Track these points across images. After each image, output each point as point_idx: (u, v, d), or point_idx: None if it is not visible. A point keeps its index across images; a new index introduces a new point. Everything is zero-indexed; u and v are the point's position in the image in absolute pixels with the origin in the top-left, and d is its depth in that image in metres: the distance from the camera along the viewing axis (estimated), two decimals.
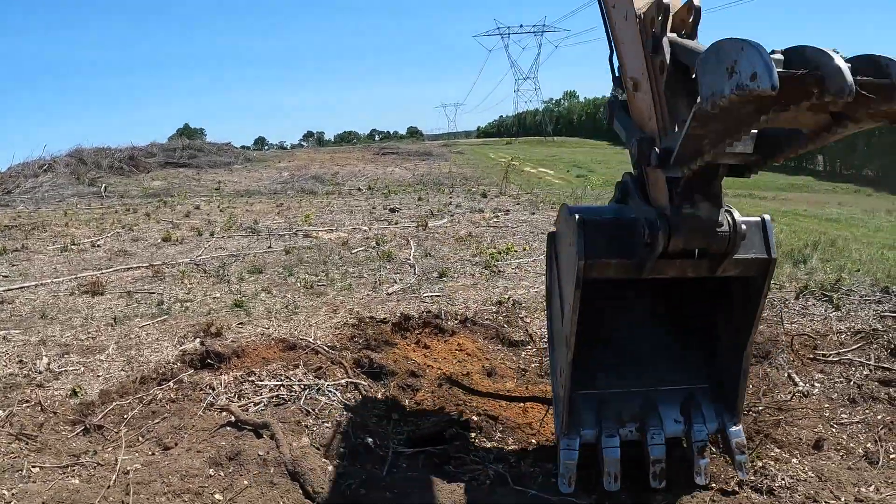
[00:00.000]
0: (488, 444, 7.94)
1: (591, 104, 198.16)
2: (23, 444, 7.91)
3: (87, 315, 13.23)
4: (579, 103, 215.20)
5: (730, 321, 6.25)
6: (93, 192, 39.39)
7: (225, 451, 7.21)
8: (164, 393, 9.08)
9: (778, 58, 3.83)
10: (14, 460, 7.50)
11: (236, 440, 7.45)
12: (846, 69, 3.61)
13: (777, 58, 3.82)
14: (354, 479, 6.84)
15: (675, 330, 6.80)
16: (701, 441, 6.37)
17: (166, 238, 21.99)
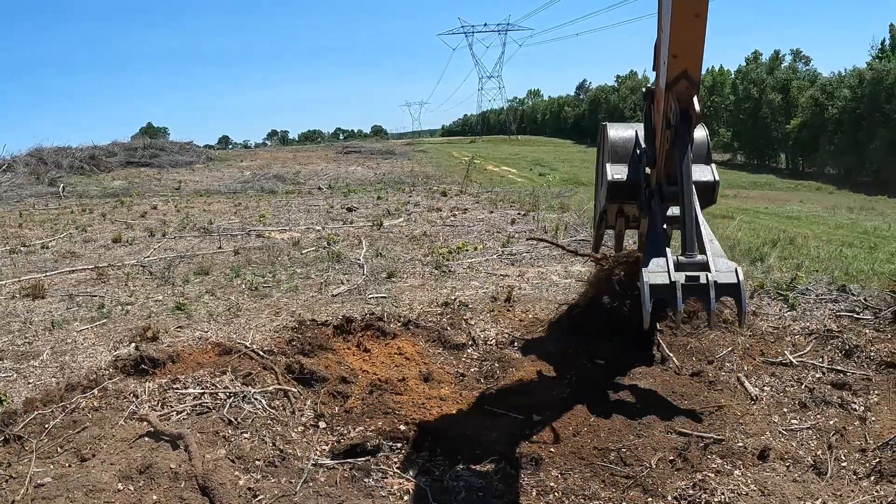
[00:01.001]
0: (415, 455, 7.69)
1: (555, 103, 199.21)
2: None
3: (25, 319, 12.92)
4: (543, 102, 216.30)
5: None
6: (51, 192, 39.02)
7: (137, 463, 6.94)
8: (87, 401, 8.76)
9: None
10: None
11: (150, 452, 7.18)
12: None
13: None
14: (265, 494, 6.62)
15: None
16: None
17: (117, 239, 21.63)
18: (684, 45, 6.77)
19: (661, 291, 6.78)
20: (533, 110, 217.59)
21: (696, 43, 6.78)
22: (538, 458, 7.44)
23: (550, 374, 9.60)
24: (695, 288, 6.79)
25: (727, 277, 6.84)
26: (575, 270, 15.45)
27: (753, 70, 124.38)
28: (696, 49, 6.86)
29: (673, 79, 7.09)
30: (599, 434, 7.91)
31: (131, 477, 6.77)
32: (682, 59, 6.94)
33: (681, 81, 7.11)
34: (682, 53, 6.87)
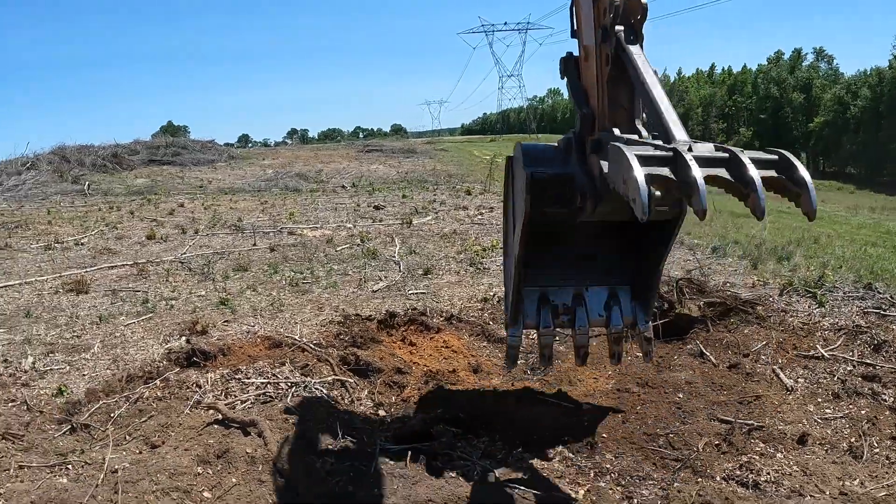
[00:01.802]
0: (475, 440, 7.99)
1: None
2: (9, 443, 7.89)
3: (71, 314, 13.20)
4: (563, 101, 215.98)
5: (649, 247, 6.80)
6: (76, 190, 39.27)
7: (213, 449, 7.22)
8: (150, 391, 9.08)
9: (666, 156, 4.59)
10: (0, 460, 7.50)
11: (224, 438, 7.45)
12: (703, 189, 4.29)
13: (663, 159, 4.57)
14: (342, 477, 6.90)
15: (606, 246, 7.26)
16: (617, 331, 7.13)
17: (151, 236, 21.94)
18: None
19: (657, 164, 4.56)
20: (553, 109, 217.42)
21: None
22: (592, 443, 7.75)
23: (594, 366, 9.82)
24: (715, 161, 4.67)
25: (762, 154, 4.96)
26: None
27: (774, 69, 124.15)
28: None
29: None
30: (647, 421, 8.21)
31: (209, 461, 7.03)
32: None
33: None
34: None
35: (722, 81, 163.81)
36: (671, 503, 6.62)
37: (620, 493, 6.95)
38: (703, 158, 4.53)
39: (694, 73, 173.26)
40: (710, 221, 23.40)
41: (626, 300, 7.13)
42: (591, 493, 6.93)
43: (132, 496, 6.45)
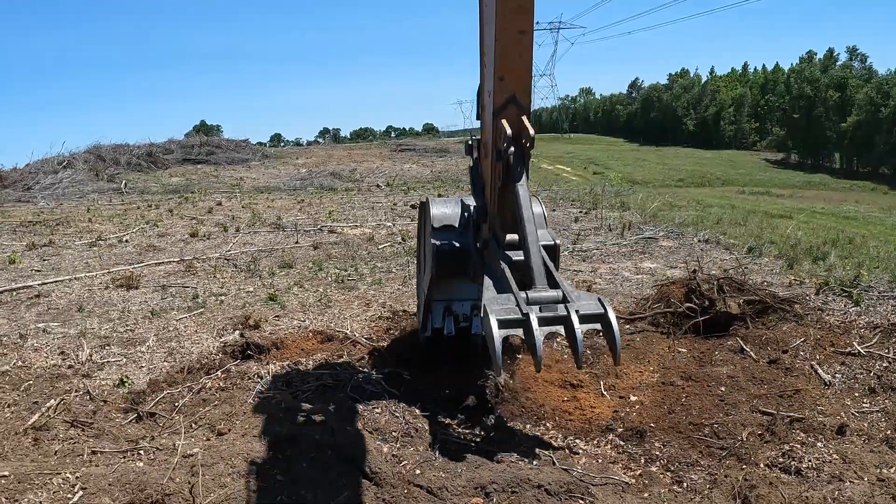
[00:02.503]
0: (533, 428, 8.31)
1: (607, 101, 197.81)
2: (79, 430, 8.20)
3: (123, 308, 13.54)
4: (595, 100, 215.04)
5: None
6: (112, 189, 39.71)
7: (280, 435, 7.51)
8: (212, 382, 9.45)
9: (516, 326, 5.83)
10: (73, 445, 7.80)
11: (290, 425, 7.79)
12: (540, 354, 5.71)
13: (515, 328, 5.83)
14: (408, 461, 7.20)
15: None
16: None
17: (193, 234, 22.30)
18: (511, 66, 6.49)
19: (511, 326, 5.76)
20: (585, 108, 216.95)
21: (523, 63, 6.52)
22: (642, 431, 8.05)
23: (638, 361, 10.09)
24: (553, 319, 5.87)
25: (590, 308, 6.10)
26: (645, 267, 15.85)
27: (808, 68, 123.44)
28: (523, 70, 6.57)
29: (501, 104, 6.70)
30: (692, 412, 8.46)
31: (278, 447, 7.32)
32: (509, 82, 6.58)
33: (509, 107, 6.69)
34: (510, 75, 6.54)
35: (754, 81, 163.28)
36: (719, 487, 6.90)
37: (670, 477, 7.26)
38: (544, 319, 5.81)
39: (727, 73, 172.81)
40: (744, 222, 23.52)
41: None
42: (643, 477, 7.25)
43: (209, 478, 6.74)
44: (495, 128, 6.81)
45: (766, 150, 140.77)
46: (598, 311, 6.06)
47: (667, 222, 22.22)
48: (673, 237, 19.64)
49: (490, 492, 6.61)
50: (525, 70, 6.55)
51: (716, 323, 11.00)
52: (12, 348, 11.24)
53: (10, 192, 38.53)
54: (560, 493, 6.60)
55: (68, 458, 7.51)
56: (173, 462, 7.12)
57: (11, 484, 6.75)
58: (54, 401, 8.91)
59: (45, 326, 12.45)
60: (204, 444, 7.56)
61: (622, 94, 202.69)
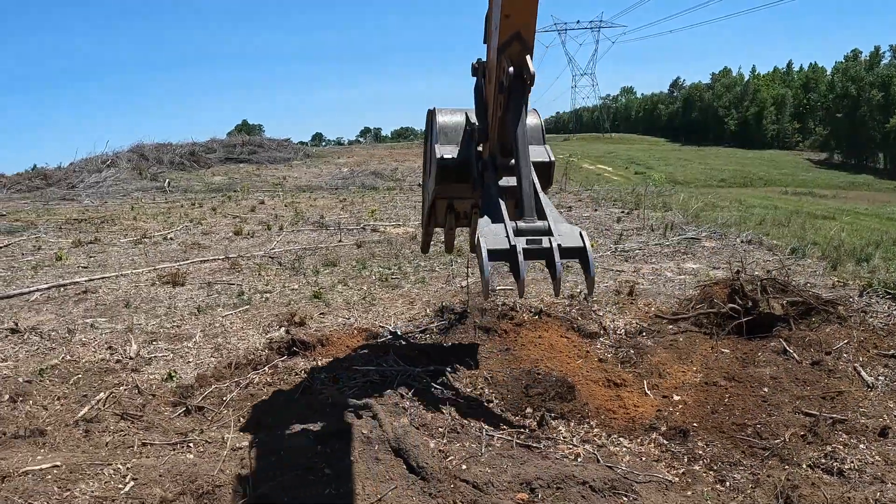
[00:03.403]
0: (576, 426, 8.35)
1: (649, 100, 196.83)
2: (129, 422, 8.36)
3: (169, 305, 13.73)
4: (637, 99, 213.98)
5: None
6: (156, 187, 40.03)
7: (329, 429, 7.63)
8: (259, 377, 9.62)
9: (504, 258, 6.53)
10: (123, 437, 7.97)
11: (338, 420, 7.87)
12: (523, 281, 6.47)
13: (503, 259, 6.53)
14: (455, 456, 7.29)
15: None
16: None
17: (238, 232, 22.50)
18: (516, 5, 6.60)
19: (500, 257, 6.45)
20: (626, 108, 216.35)
21: (529, 3, 6.61)
22: (685, 430, 8.10)
23: (681, 360, 10.08)
24: (537, 252, 6.50)
25: (571, 241, 6.62)
26: (688, 267, 15.84)
27: (852, 67, 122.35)
28: (528, 9, 6.67)
29: (505, 40, 6.88)
30: (734, 412, 8.49)
31: (327, 441, 7.44)
32: (514, 20, 6.72)
33: (513, 43, 6.88)
34: (515, 13, 6.67)
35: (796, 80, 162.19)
36: (761, 487, 6.94)
37: (713, 476, 7.30)
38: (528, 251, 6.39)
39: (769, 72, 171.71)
40: (787, 223, 23.43)
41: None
42: (686, 475, 7.30)
43: (259, 470, 6.82)
44: (499, 63, 7.08)
45: (809, 150, 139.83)
46: (578, 246, 6.58)
47: (709, 223, 22.17)
48: (715, 238, 19.61)
49: (535, 487, 6.69)
50: (531, 9, 6.67)
51: (759, 324, 11.00)
52: (60, 343, 11.46)
53: (55, 190, 38.96)
54: (604, 490, 6.68)
55: (118, 449, 7.68)
56: (223, 455, 7.26)
57: (63, 474, 6.91)
58: (103, 394, 9.12)
59: (93, 322, 12.64)
60: (253, 439, 7.66)
61: (663, 94, 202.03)
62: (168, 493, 6.53)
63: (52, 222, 25.94)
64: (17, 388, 9.29)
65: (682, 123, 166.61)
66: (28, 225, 25.36)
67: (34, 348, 11.24)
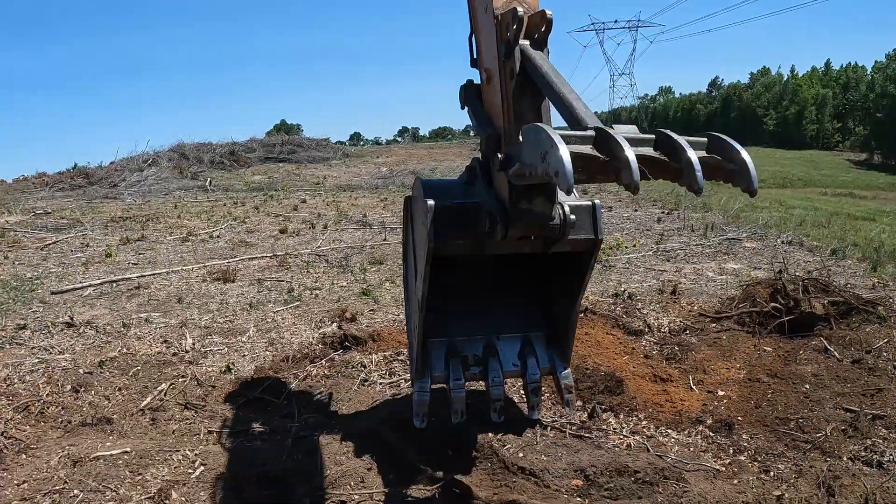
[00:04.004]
0: (626, 418, 8.64)
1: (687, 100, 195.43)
2: (192, 412, 8.66)
3: (221, 300, 14.07)
4: (675, 99, 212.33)
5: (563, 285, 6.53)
6: (197, 186, 40.39)
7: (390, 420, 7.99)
8: (318, 370, 9.93)
9: (586, 135, 4.27)
10: (189, 426, 8.30)
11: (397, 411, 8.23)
12: (635, 165, 3.92)
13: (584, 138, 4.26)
14: (511, 444, 7.66)
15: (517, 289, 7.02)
16: (534, 381, 6.61)
17: (283, 230, 22.83)
18: None
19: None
20: (664, 108, 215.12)
21: None
22: (730, 424, 8.33)
23: (725, 358, 10.30)
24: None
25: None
26: (729, 268, 16.00)
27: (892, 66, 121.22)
28: None
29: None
30: (777, 407, 8.73)
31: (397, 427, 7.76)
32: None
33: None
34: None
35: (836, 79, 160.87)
36: (804, 477, 7.17)
37: (758, 467, 7.54)
38: (631, 139, 4.28)
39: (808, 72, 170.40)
40: (827, 224, 23.44)
41: (542, 348, 6.75)
42: (731, 465, 7.56)
43: (326, 456, 7.10)
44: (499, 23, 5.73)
45: (849, 151, 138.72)
46: (702, 140, 4.60)
47: (750, 223, 22.24)
48: (756, 238, 19.72)
49: (589, 474, 6.96)
50: None
51: (800, 323, 11.13)
52: (116, 336, 11.81)
53: (97, 188, 39.40)
54: (655, 477, 6.93)
55: (185, 437, 8.01)
56: (288, 443, 7.56)
57: (133, 459, 7.23)
58: (165, 385, 9.44)
59: (147, 316, 12.99)
60: (317, 427, 7.95)
61: (702, 94, 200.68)
62: (238, 477, 6.82)
63: (97, 220, 26.33)
64: (78, 379, 9.63)
65: (721, 123, 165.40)
66: (74, 222, 25.75)
67: (90, 341, 11.59)
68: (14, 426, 8.17)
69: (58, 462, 7.18)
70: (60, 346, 11.34)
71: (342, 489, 6.64)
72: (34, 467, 7.15)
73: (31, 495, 6.61)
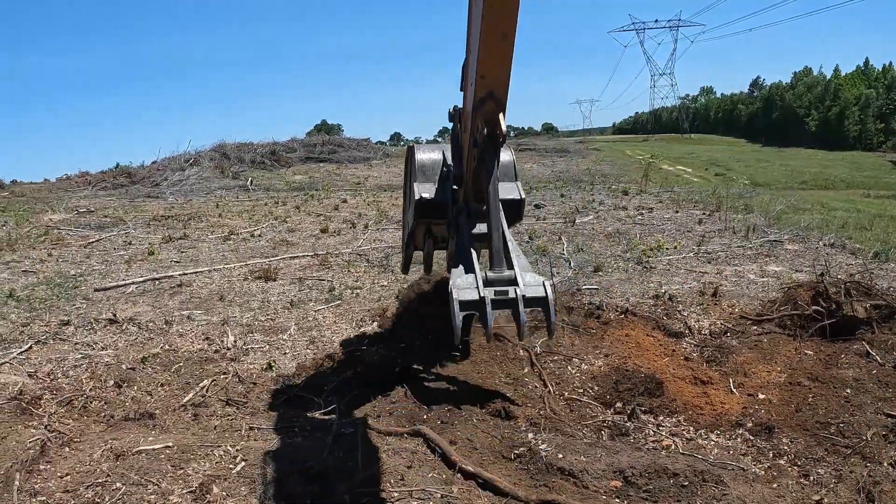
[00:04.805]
0: (665, 419, 8.68)
1: (728, 100, 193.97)
2: (234, 408, 8.76)
3: (263, 299, 14.19)
4: (716, 99, 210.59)
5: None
6: (238, 186, 40.61)
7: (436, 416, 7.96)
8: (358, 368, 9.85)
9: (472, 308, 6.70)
10: (231, 421, 8.41)
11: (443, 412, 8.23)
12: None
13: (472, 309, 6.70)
14: (549, 444, 7.65)
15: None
16: None
17: (324, 230, 22.93)
18: (491, 65, 6.73)
19: (470, 307, 6.76)
20: (706, 108, 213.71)
21: (503, 64, 6.73)
22: (770, 427, 8.35)
23: (766, 361, 10.29)
24: (503, 302, 6.86)
25: (535, 291, 6.99)
26: (771, 270, 15.89)
27: None
28: (502, 70, 6.81)
29: (480, 99, 7.03)
30: (818, 411, 8.69)
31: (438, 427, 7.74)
32: (489, 80, 6.87)
33: (488, 102, 7.05)
34: (489, 74, 6.80)
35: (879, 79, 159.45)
36: (844, 482, 7.15)
37: (797, 471, 7.55)
38: (496, 301, 6.68)
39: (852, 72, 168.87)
40: (870, 226, 23.28)
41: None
42: (771, 469, 7.58)
43: (366, 453, 7.22)
44: (474, 120, 7.30)
45: (892, 152, 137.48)
46: (541, 296, 6.91)
47: (791, 225, 22.09)
48: (798, 241, 19.57)
49: (628, 476, 6.97)
50: (505, 71, 6.80)
51: (842, 327, 11.06)
52: (158, 333, 11.99)
53: (139, 188, 39.73)
54: (694, 480, 6.91)
55: (227, 432, 8.12)
56: (329, 440, 7.60)
57: (175, 454, 7.31)
58: (207, 381, 9.55)
59: (189, 314, 13.14)
60: (356, 425, 8.01)
61: (743, 94, 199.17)
62: (279, 473, 6.87)
63: (140, 219, 26.60)
64: (121, 374, 9.81)
65: (763, 124, 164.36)
66: (116, 221, 26.03)
67: (133, 338, 11.78)
68: (58, 420, 8.34)
69: (100, 455, 7.29)
70: (103, 341, 11.52)
71: (382, 487, 6.69)
72: (77, 460, 7.27)
73: (73, 487, 6.72)
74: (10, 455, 7.33)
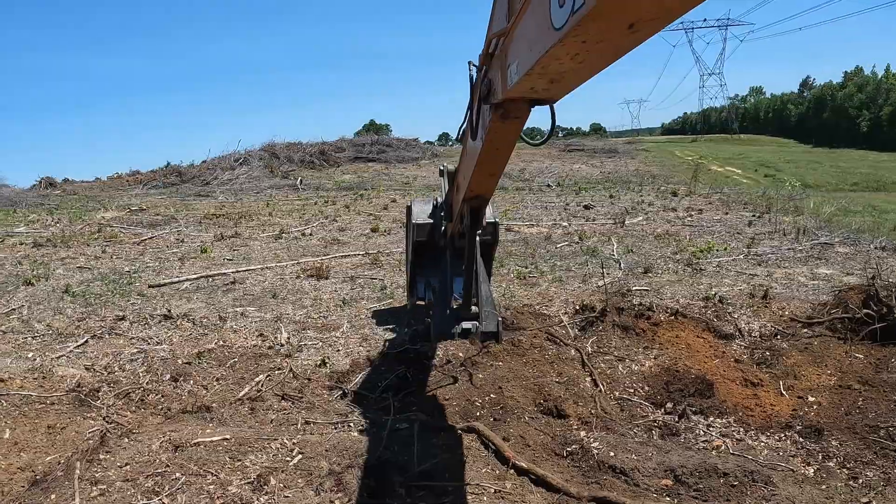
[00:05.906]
0: (716, 420, 8.71)
1: (778, 100, 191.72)
2: (289, 403, 8.88)
3: (315, 297, 14.40)
4: (766, 100, 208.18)
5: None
6: (287, 185, 40.97)
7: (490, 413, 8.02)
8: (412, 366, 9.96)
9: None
10: (287, 415, 8.55)
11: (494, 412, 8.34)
12: None
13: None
14: (600, 442, 7.80)
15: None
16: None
17: (374, 229, 23.20)
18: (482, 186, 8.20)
19: (444, 338, 10.25)
20: (755, 109, 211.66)
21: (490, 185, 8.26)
22: (820, 430, 8.37)
23: (816, 364, 10.30)
24: (467, 332, 10.35)
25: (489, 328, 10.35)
26: (821, 273, 15.83)
27: None
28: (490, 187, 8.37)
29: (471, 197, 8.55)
30: (868, 414, 8.68)
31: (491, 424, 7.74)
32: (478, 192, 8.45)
33: (475, 198, 8.65)
34: (479, 189, 8.31)
35: None
36: (893, 486, 7.18)
37: (846, 473, 7.56)
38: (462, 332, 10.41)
39: None
40: None
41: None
42: (820, 471, 7.61)
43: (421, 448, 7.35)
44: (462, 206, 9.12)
45: None
46: (494, 331, 10.35)
47: (842, 228, 21.97)
48: (849, 243, 19.48)
49: (679, 475, 7.08)
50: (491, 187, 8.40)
51: (893, 331, 10.94)
52: (213, 329, 12.21)
53: (189, 186, 40.26)
54: (744, 480, 6.99)
55: (283, 426, 8.27)
56: (384, 434, 7.70)
57: (233, 446, 7.44)
58: (262, 376, 9.67)
59: (243, 311, 13.35)
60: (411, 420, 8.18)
61: (793, 94, 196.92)
62: (335, 466, 7.00)
63: (191, 217, 27.01)
64: (177, 369, 10.00)
65: (813, 125, 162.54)
66: (168, 219, 26.47)
67: (187, 333, 12.03)
68: (116, 411, 8.56)
69: (159, 446, 7.44)
70: (158, 336, 11.75)
71: (436, 481, 6.80)
72: (136, 451, 7.43)
73: (133, 476, 6.86)
74: (70, 445, 7.56)
